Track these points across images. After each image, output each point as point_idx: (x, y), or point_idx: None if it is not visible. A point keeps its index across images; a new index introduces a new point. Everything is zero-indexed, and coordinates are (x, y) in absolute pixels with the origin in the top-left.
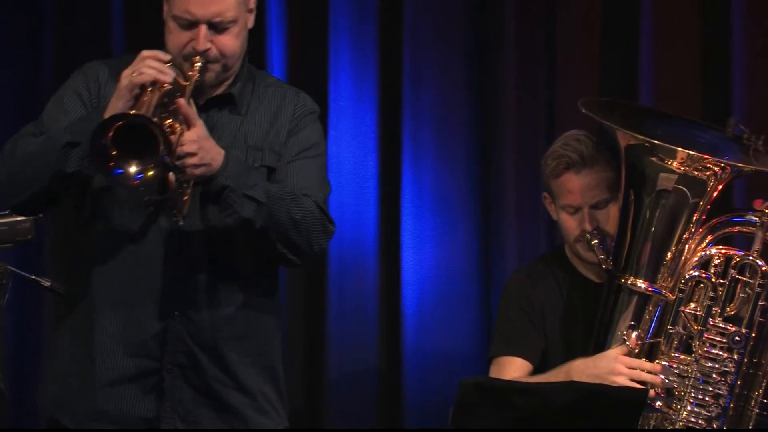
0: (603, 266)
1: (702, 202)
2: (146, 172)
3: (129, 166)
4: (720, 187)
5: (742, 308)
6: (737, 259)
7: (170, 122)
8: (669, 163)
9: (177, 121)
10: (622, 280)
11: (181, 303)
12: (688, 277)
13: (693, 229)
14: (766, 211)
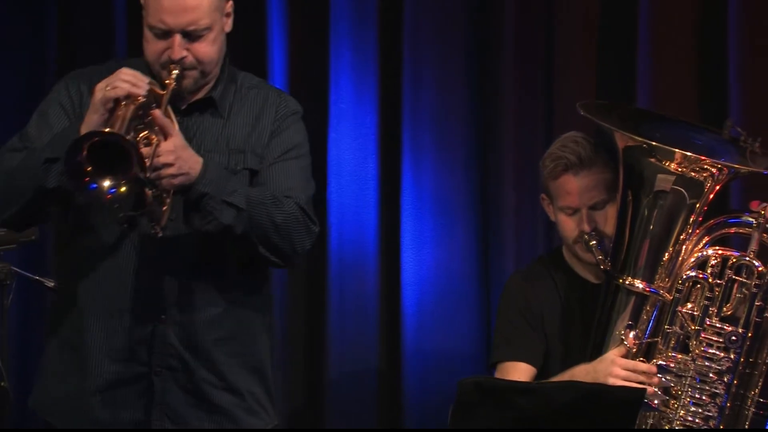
0: (601, 267)
1: (699, 203)
2: (119, 187)
3: (103, 181)
4: (717, 189)
5: (738, 308)
6: (734, 260)
7: (146, 134)
8: (666, 164)
9: (153, 133)
10: (620, 281)
11: (168, 306)
12: (685, 277)
13: (690, 230)
14: (763, 212)
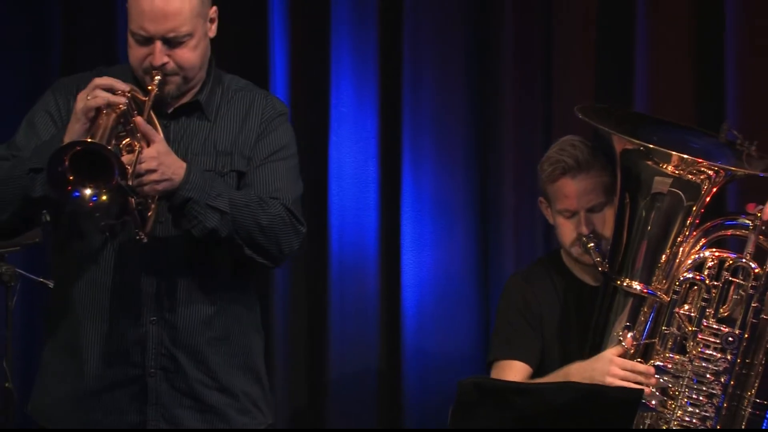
0: (599, 269)
1: (696, 205)
2: (101, 195)
3: (85, 190)
4: (714, 191)
5: (735, 310)
6: (730, 262)
7: (128, 141)
8: (664, 167)
9: (135, 139)
10: (618, 282)
11: (160, 308)
12: (682, 279)
13: (687, 232)
14: (759, 214)
